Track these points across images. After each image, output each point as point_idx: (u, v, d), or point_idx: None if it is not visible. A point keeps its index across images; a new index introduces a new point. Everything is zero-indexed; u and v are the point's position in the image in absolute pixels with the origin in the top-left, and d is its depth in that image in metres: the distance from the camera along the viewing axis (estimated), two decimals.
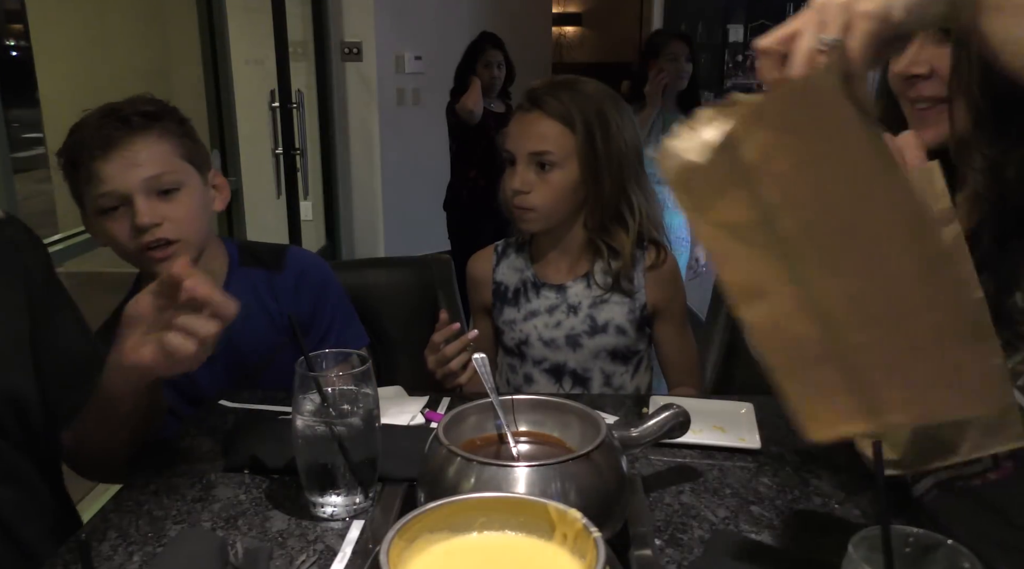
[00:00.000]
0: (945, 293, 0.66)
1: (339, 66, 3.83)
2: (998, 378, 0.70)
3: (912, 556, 0.64)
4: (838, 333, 0.66)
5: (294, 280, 1.43)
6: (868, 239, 0.64)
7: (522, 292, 1.54)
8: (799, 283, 0.65)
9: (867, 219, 0.63)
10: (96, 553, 0.88)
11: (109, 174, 1.21)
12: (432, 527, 0.66)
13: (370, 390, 0.95)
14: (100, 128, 1.23)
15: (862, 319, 0.66)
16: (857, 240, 0.64)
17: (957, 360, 0.67)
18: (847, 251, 0.64)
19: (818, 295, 0.65)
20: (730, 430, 1.14)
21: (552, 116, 1.43)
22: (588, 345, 1.49)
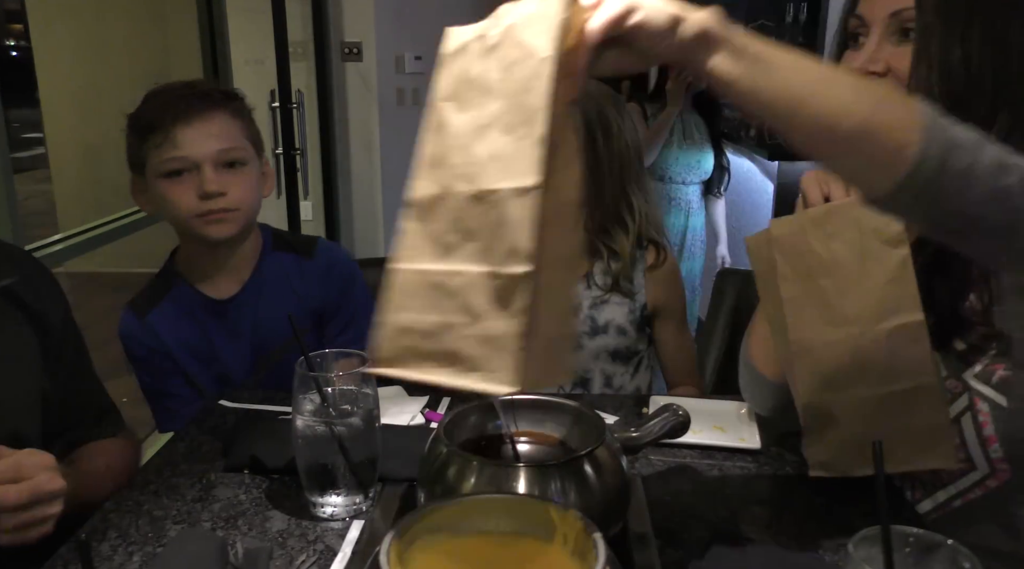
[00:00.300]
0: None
1: (339, 66, 3.83)
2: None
3: (912, 556, 0.64)
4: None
5: (324, 268, 1.47)
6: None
7: None
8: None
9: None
10: (96, 553, 0.88)
11: (186, 141, 1.27)
12: (432, 527, 0.66)
13: (370, 390, 0.95)
14: (183, 98, 1.29)
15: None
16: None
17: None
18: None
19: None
20: (730, 430, 1.14)
21: None
22: (588, 346, 1.49)
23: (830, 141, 0.68)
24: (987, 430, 0.92)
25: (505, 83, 0.69)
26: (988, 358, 0.92)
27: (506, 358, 0.65)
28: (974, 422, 0.92)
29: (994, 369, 0.92)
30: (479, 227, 0.68)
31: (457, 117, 0.71)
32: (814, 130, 0.68)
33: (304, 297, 1.43)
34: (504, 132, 0.68)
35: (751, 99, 0.68)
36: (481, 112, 0.70)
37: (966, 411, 0.93)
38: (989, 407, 0.91)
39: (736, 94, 0.68)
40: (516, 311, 0.65)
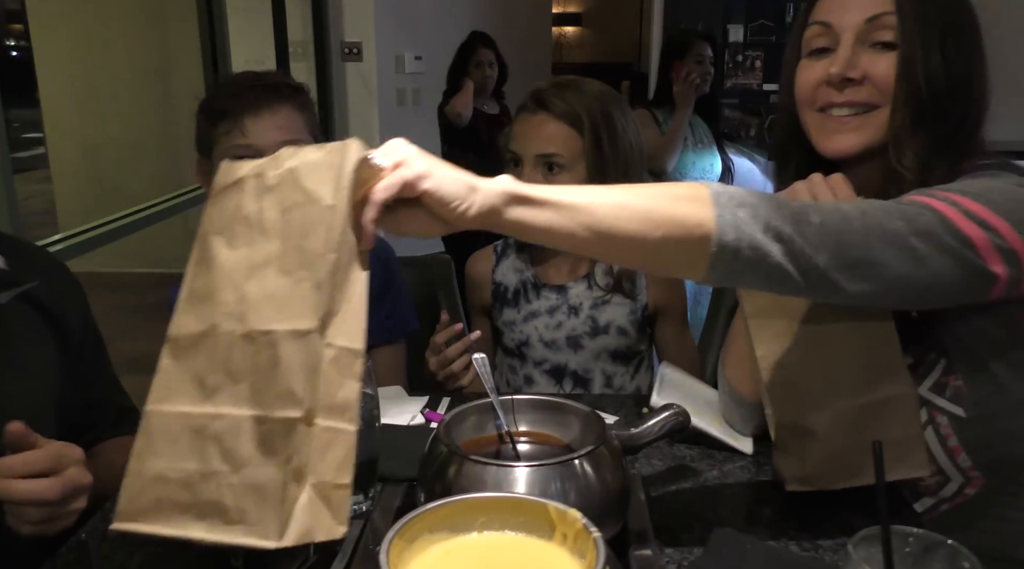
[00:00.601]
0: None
1: (339, 66, 3.83)
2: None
3: (912, 556, 0.64)
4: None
5: (372, 257, 1.47)
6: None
7: (522, 293, 1.54)
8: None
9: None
10: (96, 553, 0.88)
11: (253, 130, 1.31)
12: (432, 527, 0.66)
13: (370, 390, 0.95)
14: (254, 89, 1.34)
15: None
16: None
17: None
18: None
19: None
20: (726, 426, 1.14)
21: (559, 118, 1.41)
22: (589, 346, 1.49)
23: (642, 256, 0.77)
24: (951, 442, 0.92)
25: (283, 225, 0.68)
26: (938, 371, 0.93)
27: (271, 509, 0.63)
28: (937, 434, 0.93)
29: (946, 381, 0.93)
30: (247, 368, 0.66)
31: (227, 253, 0.70)
32: (626, 252, 0.77)
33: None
34: (281, 274, 0.67)
35: (566, 243, 0.75)
36: (255, 250, 0.69)
37: (927, 425, 0.94)
38: (948, 419, 0.92)
39: (549, 241, 0.75)
40: (283, 458, 0.63)
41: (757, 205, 0.75)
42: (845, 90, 0.95)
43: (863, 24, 0.94)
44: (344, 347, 0.67)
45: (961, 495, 0.94)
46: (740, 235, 0.73)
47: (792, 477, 0.94)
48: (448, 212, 0.71)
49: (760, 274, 0.76)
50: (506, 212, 0.73)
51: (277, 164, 0.70)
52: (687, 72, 3.05)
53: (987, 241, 0.79)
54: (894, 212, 0.80)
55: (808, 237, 0.76)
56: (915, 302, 0.83)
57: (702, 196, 0.75)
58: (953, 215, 0.80)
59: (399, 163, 0.70)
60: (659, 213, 0.74)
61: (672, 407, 0.95)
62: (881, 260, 0.77)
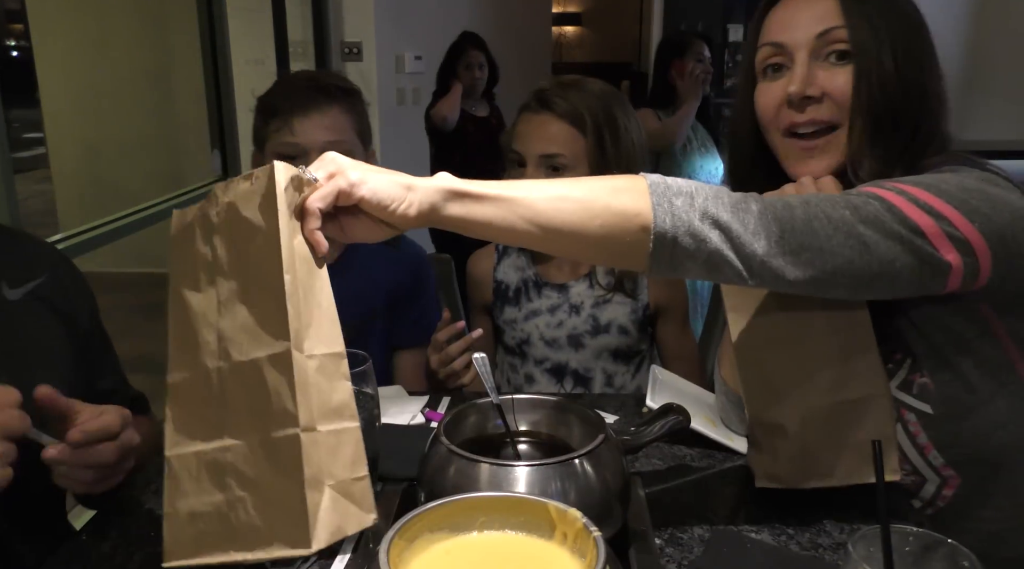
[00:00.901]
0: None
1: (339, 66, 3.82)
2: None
3: (912, 556, 0.64)
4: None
5: (407, 263, 1.55)
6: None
7: (523, 291, 1.54)
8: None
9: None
10: (96, 553, 0.88)
11: (301, 130, 1.35)
12: (432, 527, 0.66)
13: (370, 390, 0.95)
14: (305, 90, 1.38)
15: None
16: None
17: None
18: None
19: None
20: (721, 426, 1.14)
21: (562, 118, 1.42)
22: (591, 345, 1.49)
23: (583, 247, 0.79)
24: (920, 439, 0.93)
25: (237, 259, 0.72)
26: (905, 369, 0.93)
27: (296, 519, 0.66)
28: (906, 432, 0.93)
29: (913, 379, 0.93)
30: (242, 399, 0.70)
31: (197, 298, 0.74)
32: (567, 244, 0.78)
33: (383, 283, 1.51)
34: (247, 305, 0.71)
35: (507, 236, 0.77)
36: (219, 289, 0.72)
37: (896, 423, 0.94)
38: (916, 417, 0.92)
39: (491, 235, 0.77)
40: (295, 472, 0.66)
41: (695, 194, 0.76)
42: (807, 109, 0.95)
43: (814, 40, 0.94)
44: (325, 354, 0.70)
45: (940, 498, 0.95)
46: (677, 223, 0.75)
47: (763, 473, 0.94)
48: (388, 215, 0.73)
49: (699, 262, 0.76)
50: (446, 208, 0.74)
51: (216, 202, 0.73)
52: (692, 67, 3.00)
53: (937, 229, 0.79)
54: (840, 201, 0.80)
55: (747, 224, 0.76)
56: (865, 291, 0.82)
57: (639, 187, 0.76)
58: (901, 203, 0.80)
59: (333, 173, 0.72)
60: (597, 204, 0.75)
61: (672, 407, 0.95)
62: (827, 247, 0.77)
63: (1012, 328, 0.89)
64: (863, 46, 0.91)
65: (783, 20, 0.97)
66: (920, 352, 0.92)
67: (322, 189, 0.72)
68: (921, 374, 0.92)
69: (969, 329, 0.89)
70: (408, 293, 1.53)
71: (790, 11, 0.97)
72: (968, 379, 0.90)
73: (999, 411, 0.91)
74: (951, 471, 0.93)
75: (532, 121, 1.45)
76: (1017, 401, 0.91)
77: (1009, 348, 0.90)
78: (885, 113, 0.91)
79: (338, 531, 0.68)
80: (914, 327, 0.92)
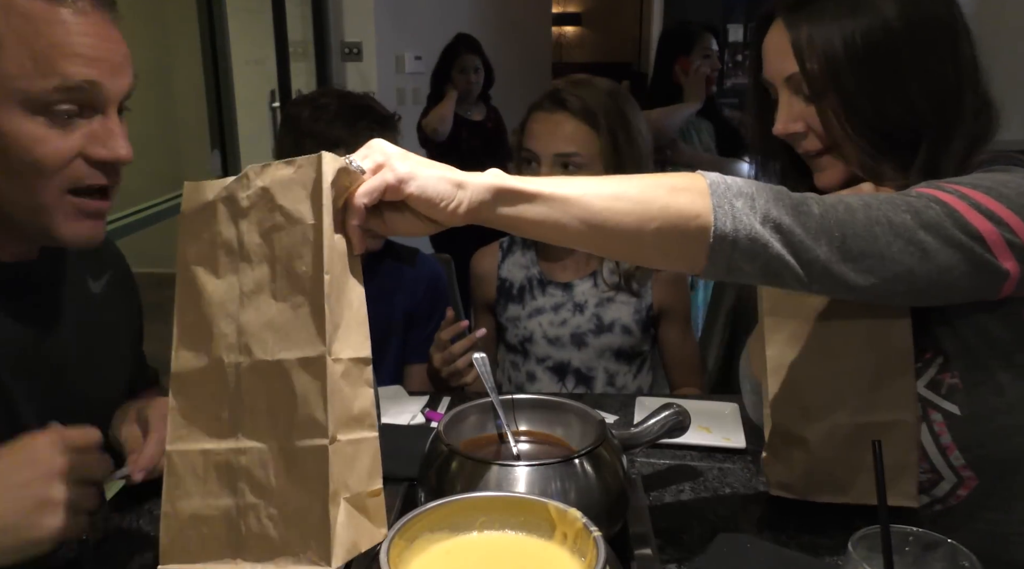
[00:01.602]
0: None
1: (339, 66, 3.82)
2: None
3: (912, 556, 0.64)
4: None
5: (424, 282, 1.57)
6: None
7: (527, 289, 1.54)
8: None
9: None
10: (96, 553, 0.88)
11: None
12: (432, 526, 0.66)
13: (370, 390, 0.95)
14: (367, 124, 1.38)
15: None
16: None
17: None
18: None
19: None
20: (716, 430, 1.14)
21: (578, 117, 1.41)
22: (593, 344, 1.49)
23: (639, 249, 0.75)
24: (944, 439, 0.92)
25: (268, 249, 0.66)
26: (935, 368, 0.92)
27: (314, 536, 0.62)
28: (931, 432, 0.92)
29: (942, 378, 0.91)
30: (262, 400, 0.65)
31: (214, 283, 0.68)
32: (621, 245, 0.75)
33: (400, 303, 1.53)
34: (276, 300, 0.66)
35: (559, 236, 0.73)
36: (243, 278, 0.67)
37: (921, 422, 0.93)
38: (943, 417, 0.91)
39: (541, 235, 0.73)
40: (317, 484, 0.62)
41: (755, 195, 0.74)
42: (799, 143, 0.95)
43: (785, 83, 0.93)
44: (352, 358, 0.66)
45: (954, 496, 0.94)
46: (738, 225, 0.72)
47: (777, 482, 0.93)
48: (437, 212, 0.69)
49: (759, 265, 0.74)
50: (497, 208, 0.71)
51: (247, 184, 0.68)
52: (697, 64, 2.77)
53: (998, 236, 0.76)
54: (900, 204, 0.78)
55: (808, 228, 0.74)
56: (923, 297, 0.80)
57: (699, 187, 0.73)
58: (962, 208, 0.77)
59: (380, 164, 0.69)
60: (655, 205, 0.72)
61: (672, 407, 0.95)
62: (887, 253, 0.75)
63: None
64: (820, 86, 0.90)
65: (765, 57, 0.97)
66: (952, 352, 0.90)
67: (369, 183, 0.67)
68: (952, 374, 0.91)
69: (1006, 332, 0.88)
70: (425, 312, 1.55)
71: (768, 48, 0.96)
72: (999, 382, 0.89)
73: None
74: (970, 472, 0.92)
75: (547, 120, 1.44)
76: None
77: None
78: (867, 135, 0.90)
79: (353, 548, 0.63)
80: (950, 327, 0.90)
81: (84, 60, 0.82)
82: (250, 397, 0.66)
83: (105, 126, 0.85)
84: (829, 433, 0.90)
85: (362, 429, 0.66)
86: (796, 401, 0.91)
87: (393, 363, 1.54)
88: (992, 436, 0.90)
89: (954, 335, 0.90)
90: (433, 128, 3.22)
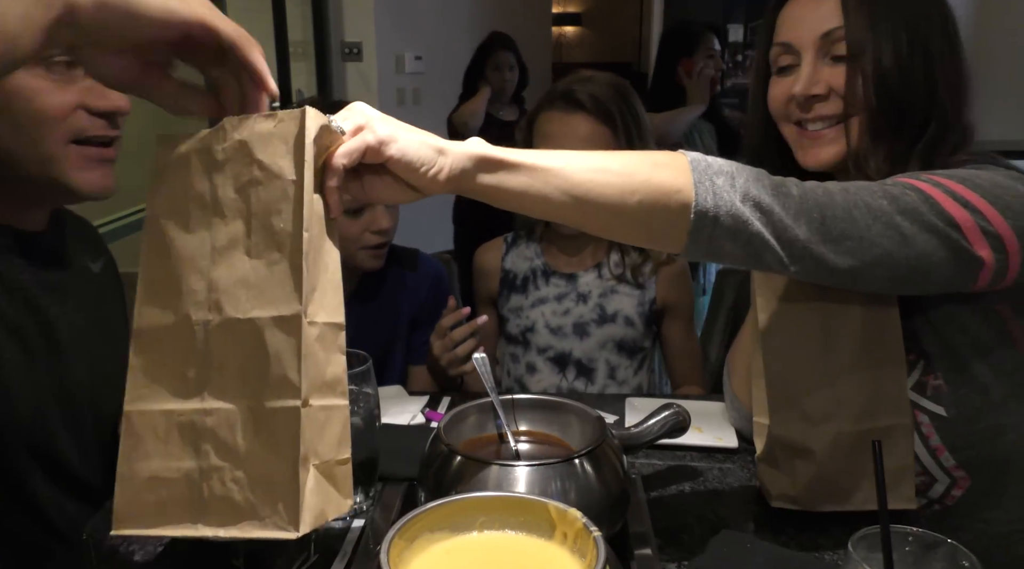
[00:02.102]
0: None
1: (339, 66, 3.83)
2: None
3: (912, 555, 0.64)
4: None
5: (427, 283, 1.57)
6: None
7: (531, 280, 1.54)
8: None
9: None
10: (96, 553, 0.88)
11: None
12: (432, 527, 0.66)
13: (370, 390, 0.95)
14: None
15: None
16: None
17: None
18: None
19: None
20: (708, 430, 1.14)
21: (595, 116, 1.39)
22: (596, 334, 1.49)
23: (620, 222, 0.75)
24: (933, 441, 0.92)
25: (243, 204, 0.64)
26: (919, 371, 0.93)
27: (283, 500, 0.60)
28: (919, 434, 0.92)
29: (927, 380, 0.92)
30: (232, 359, 0.63)
31: (185, 237, 0.65)
32: (603, 218, 0.74)
33: (405, 310, 1.54)
34: (250, 256, 0.63)
35: (540, 207, 0.73)
36: (215, 233, 0.65)
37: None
38: (930, 418, 0.92)
39: (523, 207, 0.73)
40: (287, 447, 0.60)
41: (735, 174, 0.75)
42: (814, 106, 0.95)
43: (819, 40, 0.94)
44: (327, 323, 0.64)
45: (949, 497, 0.94)
46: (719, 202, 0.73)
47: (779, 494, 0.93)
48: (417, 177, 0.69)
49: (740, 244, 0.74)
50: (478, 176, 0.71)
51: (223, 137, 0.66)
52: (701, 66, 2.71)
53: (972, 223, 0.78)
54: (877, 191, 0.79)
55: (788, 208, 0.75)
56: (903, 284, 0.81)
57: (680, 163, 0.74)
58: (938, 195, 0.79)
59: (361, 126, 0.68)
60: (637, 178, 0.73)
61: (672, 407, 0.95)
62: (867, 235, 0.76)
63: None
64: (860, 45, 0.91)
65: (792, 19, 0.97)
66: (934, 353, 0.91)
67: (349, 143, 0.66)
68: (935, 376, 0.92)
69: (986, 330, 0.89)
70: (428, 313, 1.55)
71: (799, 11, 0.97)
72: (982, 381, 0.90)
73: (1011, 413, 0.90)
74: (962, 472, 0.92)
75: (565, 121, 1.40)
76: None
77: None
78: (887, 109, 0.91)
79: (321, 515, 0.61)
80: (931, 326, 0.91)
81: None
82: (219, 356, 0.63)
83: None
84: (834, 442, 0.89)
85: (334, 396, 0.64)
86: (799, 412, 0.91)
87: (399, 366, 1.55)
88: (980, 436, 0.91)
89: (935, 335, 0.91)
90: (463, 122, 3.19)
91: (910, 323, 0.91)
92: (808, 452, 0.90)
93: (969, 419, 0.90)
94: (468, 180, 0.71)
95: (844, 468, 0.89)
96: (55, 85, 0.86)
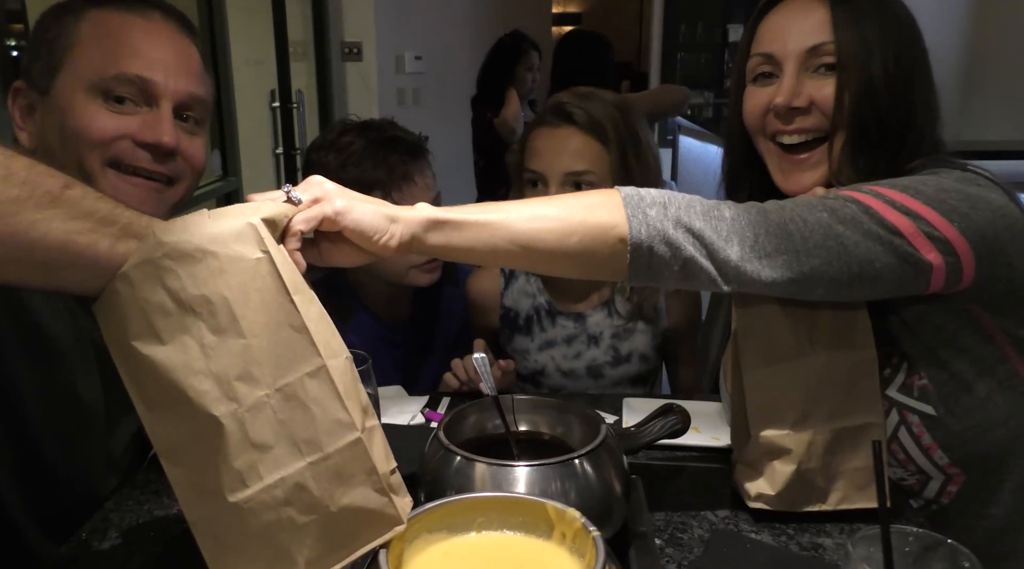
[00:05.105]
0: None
1: (339, 66, 3.82)
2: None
3: (912, 556, 0.64)
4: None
5: (452, 301, 1.57)
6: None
7: (535, 320, 1.45)
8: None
9: None
10: (96, 553, 0.88)
11: (401, 199, 1.34)
12: (431, 527, 0.66)
13: (370, 390, 0.95)
14: (401, 164, 1.38)
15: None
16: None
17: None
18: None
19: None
20: (705, 430, 1.14)
21: (586, 131, 1.31)
22: (611, 375, 1.43)
23: (564, 262, 0.81)
24: (925, 440, 0.93)
25: (217, 293, 0.63)
26: (903, 373, 0.93)
27: (383, 509, 0.64)
28: (911, 434, 0.93)
29: (912, 381, 0.93)
30: (275, 430, 0.63)
31: (160, 351, 0.63)
32: (548, 260, 0.80)
33: (455, 322, 1.55)
34: (245, 336, 0.63)
35: (490, 258, 0.79)
36: (196, 331, 0.63)
37: (900, 426, 0.94)
38: (920, 418, 0.92)
39: (473, 259, 0.79)
40: (361, 470, 0.64)
41: (667, 203, 0.79)
42: (794, 119, 0.95)
43: (804, 54, 0.94)
44: (345, 357, 0.67)
45: (945, 494, 0.95)
46: (652, 233, 0.77)
47: (757, 495, 0.93)
48: (370, 245, 0.74)
49: (675, 269, 0.79)
50: (428, 238, 0.76)
51: (159, 247, 0.64)
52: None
53: (915, 229, 0.80)
54: (816, 205, 0.82)
55: (719, 230, 0.79)
56: (847, 291, 0.82)
57: (613, 201, 0.79)
58: (877, 205, 0.81)
59: (318, 198, 0.72)
60: (574, 220, 0.78)
61: (672, 407, 0.95)
62: (803, 249, 0.79)
63: (1004, 326, 0.90)
64: (850, 59, 0.92)
65: (775, 30, 0.97)
66: (915, 354, 0.92)
67: (307, 212, 0.71)
68: (920, 376, 0.92)
69: (962, 329, 0.90)
70: (454, 336, 1.56)
71: (784, 21, 0.97)
72: (964, 378, 0.91)
73: (998, 408, 0.91)
74: (956, 469, 0.93)
75: (552, 136, 1.33)
76: (1016, 397, 0.91)
77: (1004, 346, 0.90)
78: (870, 124, 0.92)
79: (404, 509, 0.66)
80: (907, 327, 0.92)
81: (143, 59, 0.97)
82: (261, 434, 0.63)
83: (156, 116, 0.98)
84: (811, 442, 0.90)
85: (371, 417, 0.68)
86: (776, 414, 0.91)
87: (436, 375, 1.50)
88: (971, 432, 0.91)
89: (913, 337, 0.91)
90: (511, 129, 3.13)
91: (887, 326, 0.92)
92: (785, 452, 0.91)
93: (958, 416, 0.91)
94: (419, 243, 0.77)
95: (820, 468, 0.90)
96: (108, 115, 0.96)
